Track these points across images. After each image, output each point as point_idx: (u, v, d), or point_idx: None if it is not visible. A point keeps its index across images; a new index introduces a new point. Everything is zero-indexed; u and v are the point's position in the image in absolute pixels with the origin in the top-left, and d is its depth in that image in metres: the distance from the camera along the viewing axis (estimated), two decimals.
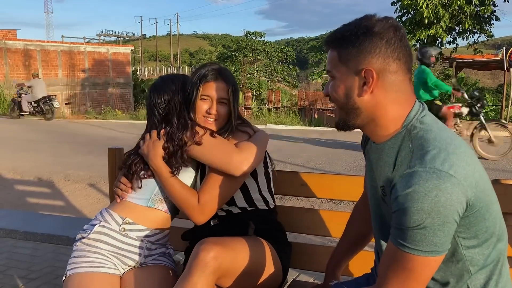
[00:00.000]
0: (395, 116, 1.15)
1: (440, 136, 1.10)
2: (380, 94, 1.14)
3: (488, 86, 35.28)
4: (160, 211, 1.76)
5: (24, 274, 3.11)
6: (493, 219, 1.12)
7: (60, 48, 24.99)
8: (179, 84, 1.77)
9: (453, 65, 14.78)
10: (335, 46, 1.18)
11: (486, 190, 1.10)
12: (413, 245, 1.03)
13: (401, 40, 1.13)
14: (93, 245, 1.69)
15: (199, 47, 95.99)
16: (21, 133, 11.41)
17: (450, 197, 1.00)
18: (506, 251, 1.20)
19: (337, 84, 1.18)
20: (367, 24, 1.14)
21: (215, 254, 1.43)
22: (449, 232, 1.03)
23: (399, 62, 1.13)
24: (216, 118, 1.73)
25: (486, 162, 7.34)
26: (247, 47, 39.26)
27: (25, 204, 5.17)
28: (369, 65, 1.12)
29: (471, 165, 1.07)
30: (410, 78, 1.16)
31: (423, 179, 1.01)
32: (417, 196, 1.00)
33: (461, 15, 15.27)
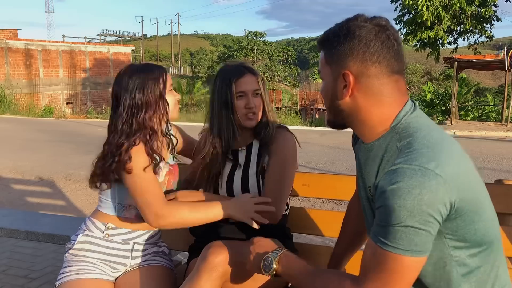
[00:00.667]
0: (381, 117, 1.13)
1: (430, 135, 1.07)
2: (360, 97, 1.12)
3: (489, 86, 35.27)
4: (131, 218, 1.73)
5: (25, 274, 3.12)
6: (484, 222, 1.09)
7: (61, 47, 25.00)
8: (138, 80, 1.63)
9: (454, 65, 14.78)
10: (322, 47, 1.18)
11: (477, 193, 1.08)
12: (393, 243, 1.00)
13: (382, 42, 1.09)
14: (80, 254, 1.70)
15: (200, 47, 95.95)
16: (21, 133, 11.41)
17: (434, 196, 0.98)
18: (501, 254, 1.18)
19: (324, 85, 1.20)
20: (350, 25, 1.12)
21: (223, 258, 1.43)
22: (431, 232, 1.01)
23: (379, 65, 1.09)
24: (256, 111, 1.72)
25: (488, 162, 7.33)
26: (248, 47, 39.27)
27: (26, 203, 5.17)
28: (348, 68, 1.11)
29: (461, 167, 1.05)
30: (396, 80, 1.12)
31: (408, 176, 0.99)
32: (400, 193, 0.98)
33: (462, 16, 15.26)
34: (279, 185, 1.70)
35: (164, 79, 1.66)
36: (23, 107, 20.21)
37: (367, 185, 1.20)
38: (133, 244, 1.74)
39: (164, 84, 1.65)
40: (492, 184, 1.72)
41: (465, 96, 18.71)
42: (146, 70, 1.65)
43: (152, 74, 1.64)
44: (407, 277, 1.03)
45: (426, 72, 44.99)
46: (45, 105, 22.17)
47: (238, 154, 1.79)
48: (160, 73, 1.66)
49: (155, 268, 1.74)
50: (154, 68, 1.67)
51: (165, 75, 1.67)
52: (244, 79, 1.71)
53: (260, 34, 42.40)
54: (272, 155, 1.73)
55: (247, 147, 1.79)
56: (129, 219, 1.71)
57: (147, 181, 1.57)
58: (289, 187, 1.76)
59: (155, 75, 1.64)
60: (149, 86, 1.62)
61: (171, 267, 1.81)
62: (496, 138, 11.61)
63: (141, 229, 1.75)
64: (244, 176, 1.75)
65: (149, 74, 1.63)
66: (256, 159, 1.76)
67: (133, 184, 1.57)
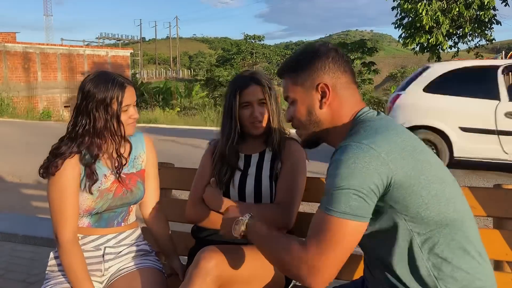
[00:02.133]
0: (347, 119, 1.31)
1: (379, 124, 1.23)
2: (336, 104, 1.31)
3: None
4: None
5: (23, 278, 3.10)
6: (435, 197, 1.16)
7: (59, 51, 25.02)
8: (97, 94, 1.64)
9: None
10: (289, 73, 1.35)
11: (421, 170, 1.16)
12: (333, 207, 1.12)
13: (342, 57, 1.33)
14: (55, 270, 1.73)
15: (198, 50, 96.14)
16: (19, 136, 11.39)
17: (367, 166, 1.11)
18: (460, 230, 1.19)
19: (297, 106, 1.34)
20: (311, 49, 1.34)
21: (216, 263, 1.43)
22: (366, 200, 1.11)
23: (346, 74, 1.32)
24: (261, 119, 1.80)
25: (486, 166, 7.32)
26: (247, 50, 39.33)
27: (24, 207, 5.15)
28: (323, 80, 1.30)
29: (399, 145, 1.15)
30: (356, 88, 1.35)
31: (346, 150, 1.14)
32: (337, 163, 1.14)
33: (461, 19, 15.28)
34: (291, 193, 1.76)
35: (120, 99, 1.65)
36: (21, 110, 20.18)
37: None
38: (104, 249, 1.74)
39: (119, 104, 1.65)
40: (491, 189, 1.72)
41: None
42: (105, 88, 1.64)
43: (109, 92, 1.63)
44: (345, 240, 1.13)
45: None
46: (43, 109, 22.16)
47: (251, 158, 1.85)
48: (119, 92, 1.65)
49: (140, 271, 1.73)
50: (114, 86, 1.65)
51: (121, 95, 1.65)
52: (249, 90, 1.79)
53: (259, 37, 42.47)
54: (284, 164, 1.80)
55: (260, 154, 1.86)
56: (87, 228, 1.73)
57: (58, 197, 1.62)
58: (301, 195, 1.80)
59: (111, 95, 1.64)
60: (103, 106, 1.63)
61: (159, 268, 1.80)
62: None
63: (109, 233, 1.75)
64: (258, 178, 1.80)
65: (107, 92, 1.63)
66: (270, 164, 1.82)
67: (48, 192, 1.65)
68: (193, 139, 10.57)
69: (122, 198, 1.73)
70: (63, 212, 1.62)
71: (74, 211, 1.64)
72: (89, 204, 1.67)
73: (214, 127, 13.15)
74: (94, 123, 1.64)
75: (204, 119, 17.38)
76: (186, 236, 2.02)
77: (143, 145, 1.86)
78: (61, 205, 1.62)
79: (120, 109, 1.66)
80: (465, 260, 1.19)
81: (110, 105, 1.64)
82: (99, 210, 1.70)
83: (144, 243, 1.87)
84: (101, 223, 1.74)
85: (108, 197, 1.70)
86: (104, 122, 1.64)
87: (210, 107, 21.84)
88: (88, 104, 1.63)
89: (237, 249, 1.57)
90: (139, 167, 1.82)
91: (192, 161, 5.75)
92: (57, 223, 1.63)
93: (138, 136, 1.86)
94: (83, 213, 1.69)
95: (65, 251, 1.62)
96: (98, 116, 1.64)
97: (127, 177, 1.77)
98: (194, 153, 7.55)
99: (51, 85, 24.18)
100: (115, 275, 1.74)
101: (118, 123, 1.67)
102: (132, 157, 1.81)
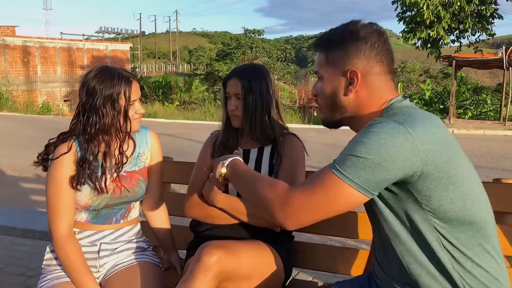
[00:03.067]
0: (376, 108, 1.24)
1: (414, 111, 1.16)
2: (364, 93, 1.23)
3: (487, 85, 35.32)
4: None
5: (22, 271, 3.11)
6: (461, 194, 1.12)
7: (59, 45, 24.94)
8: (103, 90, 1.61)
9: (453, 64, 14.79)
10: (323, 48, 1.27)
11: (453, 164, 1.12)
12: (340, 166, 1.09)
13: (384, 44, 1.23)
14: (51, 264, 1.72)
15: (198, 45, 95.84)
16: (19, 130, 11.39)
17: (397, 147, 1.05)
18: (488, 243, 1.17)
19: (324, 84, 1.27)
20: (352, 29, 1.24)
21: (217, 258, 1.42)
22: (379, 176, 1.07)
23: (382, 64, 1.23)
24: (236, 114, 1.81)
25: (486, 160, 7.33)
26: (246, 45, 39.22)
27: (23, 201, 5.16)
28: (354, 67, 1.22)
29: (436, 135, 1.10)
30: (392, 78, 1.27)
31: (382, 125, 1.09)
32: (368, 132, 1.08)
33: (462, 14, 15.22)
34: None
35: (127, 94, 1.63)
36: (21, 104, 20.16)
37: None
38: (100, 245, 1.72)
39: (128, 99, 1.63)
40: (490, 183, 1.71)
41: (463, 95, 18.73)
42: (111, 83, 1.61)
43: (116, 87, 1.61)
44: (336, 200, 1.10)
45: (424, 71, 45.04)
46: (43, 103, 22.13)
47: (250, 152, 1.85)
48: (126, 87, 1.63)
49: (138, 266, 1.72)
50: (120, 81, 1.62)
51: (128, 90, 1.63)
52: (230, 81, 1.83)
53: (259, 31, 42.31)
54: (283, 160, 1.79)
55: (259, 149, 1.85)
56: (85, 223, 1.72)
57: (54, 192, 1.62)
58: None
59: (118, 90, 1.61)
60: (110, 101, 1.61)
61: (156, 263, 1.79)
62: (494, 136, 11.63)
63: (106, 229, 1.74)
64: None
65: (113, 87, 1.60)
66: (268, 160, 1.81)
67: (46, 186, 1.64)
68: (192, 134, 10.57)
69: (121, 197, 1.71)
70: (58, 207, 1.61)
71: (70, 207, 1.63)
72: (86, 201, 1.65)
73: (214, 121, 13.15)
74: (103, 120, 1.61)
75: (203, 113, 17.37)
76: (185, 230, 2.01)
77: (148, 141, 1.82)
78: (56, 200, 1.61)
79: (128, 104, 1.63)
80: (485, 258, 1.16)
81: (117, 100, 1.61)
82: (97, 207, 1.68)
83: (142, 239, 1.86)
84: (99, 220, 1.72)
85: (106, 196, 1.67)
86: (111, 118, 1.62)
87: (209, 102, 21.82)
88: (95, 101, 1.59)
89: (238, 244, 1.57)
90: (142, 164, 1.79)
91: (192, 155, 5.73)
92: (52, 218, 1.62)
93: (143, 131, 1.82)
94: (81, 208, 1.68)
95: (60, 246, 1.61)
96: (105, 112, 1.60)
97: (128, 175, 1.74)
98: (193, 147, 7.54)
99: (51, 79, 24.13)
100: (111, 271, 1.73)
101: (125, 118, 1.64)
102: (136, 154, 1.77)
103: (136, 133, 1.79)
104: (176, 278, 1.69)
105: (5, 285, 2.90)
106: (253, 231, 1.73)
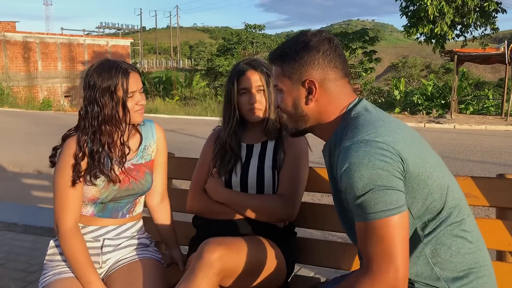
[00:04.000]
0: (337, 114, 1.27)
1: (370, 116, 1.20)
2: (324, 100, 1.27)
3: (489, 80, 35.21)
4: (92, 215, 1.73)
5: (23, 267, 3.11)
6: (438, 186, 1.16)
7: (59, 40, 24.91)
8: (101, 83, 1.63)
9: (455, 59, 14.73)
10: (278, 62, 1.30)
11: (425, 157, 1.16)
12: (372, 211, 1.08)
13: (335, 50, 1.27)
14: (54, 259, 1.71)
15: (199, 40, 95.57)
16: (19, 126, 11.39)
17: (383, 159, 1.08)
18: (459, 217, 1.20)
19: (285, 96, 1.30)
20: (303, 39, 1.27)
21: (219, 255, 1.42)
22: (397, 188, 1.08)
23: (336, 69, 1.26)
24: (259, 107, 1.78)
25: (488, 156, 7.31)
26: (247, 40, 39.15)
27: (24, 197, 5.16)
28: (310, 76, 1.25)
29: (400, 135, 1.14)
30: (348, 81, 1.30)
31: (354, 151, 1.10)
32: (354, 167, 1.09)
33: (465, 8, 15.14)
34: (294, 185, 1.74)
35: (125, 85, 1.63)
36: (22, 100, 20.16)
37: (336, 177, 1.24)
38: (103, 241, 1.72)
39: (125, 91, 1.63)
40: (494, 178, 1.70)
41: (465, 90, 18.69)
42: (108, 75, 1.62)
43: (113, 79, 1.61)
44: (400, 235, 1.08)
45: (426, 66, 44.89)
46: (44, 98, 22.13)
47: (253, 147, 1.83)
48: (123, 78, 1.63)
49: (140, 262, 1.72)
50: (118, 73, 1.63)
51: (126, 81, 1.63)
52: (246, 75, 1.78)
53: (259, 27, 42.23)
54: (286, 154, 1.78)
55: (262, 144, 1.84)
56: (90, 216, 1.71)
57: (62, 186, 1.62)
58: (303, 186, 1.79)
59: (115, 81, 1.62)
60: (109, 93, 1.62)
61: (158, 259, 1.79)
62: (496, 131, 11.61)
63: (110, 224, 1.74)
64: (260, 168, 1.78)
65: (110, 79, 1.61)
66: (272, 155, 1.80)
67: (53, 179, 1.63)
68: (194, 129, 10.56)
69: (128, 189, 1.71)
70: (65, 201, 1.61)
71: (77, 201, 1.63)
72: (93, 194, 1.66)
73: (215, 117, 13.14)
74: (103, 111, 1.62)
75: (204, 109, 17.36)
76: (187, 225, 2.01)
77: (153, 134, 1.83)
78: (64, 194, 1.61)
79: (126, 96, 1.64)
80: (463, 245, 1.19)
81: (115, 92, 1.62)
82: (104, 200, 1.68)
83: (144, 236, 1.85)
84: (105, 213, 1.72)
85: (114, 188, 1.67)
86: (110, 109, 1.63)
87: (210, 97, 21.81)
88: (95, 93, 1.61)
89: (240, 241, 1.56)
90: (148, 157, 1.79)
91: (193, 151, 5.73)
92: (59, 212, 1.62)
93: (149, 125, 1.84)
94: (87, 201, 1.68)
95: (66, 240, 1.61)
96: (104, 103, 1.62)
97: (135, 168, 1.74)
98: (195, 143, 7.53)
99: (51, 74, 24.12)
100: (114, 267, 1.73)
101: (124, 110, 1.64)
102: (142, 147, 1.78)
103: (142, 127, 1.79)
104: (178, 274, 1.68)
105: (6, 280, 2.90)
106: (256, 226, 1.73)
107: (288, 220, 1.76)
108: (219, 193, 1.77)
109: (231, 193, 1.76)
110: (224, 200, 1.75)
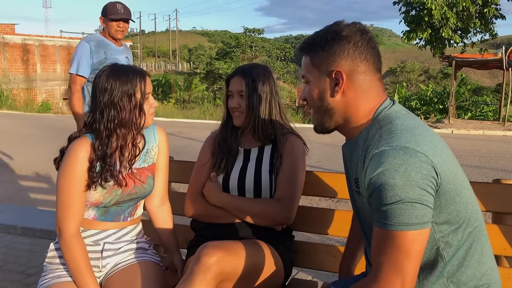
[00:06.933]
0: (366, 112, 1.21)
1: (408, 122, 1.15)
2: (351, 94, 1.21)
3: (487, 85, 35.31)
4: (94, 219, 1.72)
5: (22, 270, 3.11)
6: (464, 204, 1.15)
7: (58, 43, 24.88)
8: (117, 88, 1.62)
9: (453, 64, 14.77)
10: (307, 51, 1.26)
11: (456, 174, 1.13)
12: (395, 221, 1.05)
13: (368, 42, 1.21)
14: (53, 262, 1.71)
15: (198, 43, 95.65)
16: (18, 128, 11.37)
17: (420, 171, 1.04)
18: (479, 237, 1.20)
19: (311, 88, 1.26)
20: (335, 29, 1.22)
21: (217, 259, 1.43)
22: (427, 204, 1.05)
23: (367, 63, 1.21)
24: (238, 111, 1.81)
25: (485, 161, 7.34)
26: (246, 44, 39.21)
27: (23, 199, 5.15)
28: (339, 67, 1.20)
29: (438, 147, 1.11)
30: (379, 78, 1.24)
31: (391, 157, 1.06)
32: (388, 174, 1.04)
33: (465, 13, 15.20)
34: (291, 189, 1.76)
35: (143, 88, 1.64)
36: (21, 103, 20.12)
37: (352, 178, 1.24)
38: (104, 245, 1.72)
39: (143, 93, 1.64)
40: (490, 184, 1.72)
41: (463, 95, 18.73)
42: (126, 78, 1.62)
43: (132, 82, 1.62)
44: (416, 250, 1.06)
45: (424, 71, 45.01)
46: (43, 101, 22.09)
47: (251, 152, 1.85)
48: (141, 81, 1.64)
49: (140, 265, 1.72)
50: (135, 76, 1.63)
51: (143, 84, 1.64)
52: (233, 79, 1.82)
53: (258, 30, 42.31)
54: (283, 159, 1.79)
55: (259, 148, 1.85)
56: (92, 220, 1.71)
57: (66, 191, 1.60)
58: (301, 190, 1.80)
59: (134, 84, 1.62)
60: (127, 96, 1.61)
61: (156, 262, 1.79)
62: (493, 137, 11.64)
63: (111, 228, 1.73)
64: (257, 172, 1.79)
65: (129, 82, 1.62)
66: (269, 159, 1.82)
67: (57, 183, 1.62)
68: (192, 132, 10.56)
69: (131, 193, 1.71)
70: (69, 205, 1.60)
71: (81, 206, 1.63)
72: (97, 198, 1.65)
73: (213, 120, 13.14)
74: (121, 114, 1.61)
75: (203, 112, 17.35)
76: (185, 229, 2.02)
77: (156, 137, 1.83)
78: (68, 198, 1.60)
79: (143, 98, 1.65)
80: (480, 267, 1.19)
81: (134, 94, 1.62)
82: (107, 204, 1.67)
83: (143, 240, 1.85)
84: (107, 217, 1.72)
85: (117, 193, 1.67)
86: (128, 112, 1.62)
87: (209, 101, 21.79)
88: (112, 97, 1.60)
89: (238, 244, 1.57)
90: (150, 161, 1.79)
91: (191, 154, 5.74)
92: (62, 215, 1.60)
93: (150, 127, 1.82)
94: (90, 205, 1.67)
95: (67, 245, 1.60)
96: (123, 106, 1.61)
97: (138, 172, 1.74)
98: (193, 146, 7.54)
99: (50, 77, 24.08)
100: (112, 270, 1.73)
101: (140, 113, 1.65)
102: (145, 151, 1.77)
103: (144, 130, 1.78)
104: (177, 277, 1.70)
105: (5, 283, 2.90)
106: (254, 230, 1.74)
107: (286, 223, 1.77)
108: (217, 197, 1.78)
109: (229, 197, 1.77)
110: (222, 204, 1.76)
